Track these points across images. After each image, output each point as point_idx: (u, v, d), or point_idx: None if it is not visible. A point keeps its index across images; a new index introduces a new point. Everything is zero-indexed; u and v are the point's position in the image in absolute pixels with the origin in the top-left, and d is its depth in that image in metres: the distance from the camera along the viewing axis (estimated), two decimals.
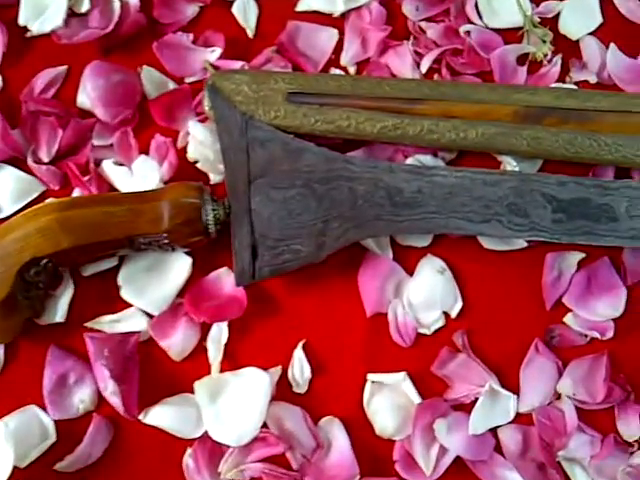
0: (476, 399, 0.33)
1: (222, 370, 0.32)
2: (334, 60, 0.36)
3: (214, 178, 0.33)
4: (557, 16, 0.38)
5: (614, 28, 0.38)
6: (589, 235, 0.32)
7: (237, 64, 0.34)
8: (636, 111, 0.33)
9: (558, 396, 0.34)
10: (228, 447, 0.31)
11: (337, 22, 0.37)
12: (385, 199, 0.31)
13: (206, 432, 0.31)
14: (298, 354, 0.33)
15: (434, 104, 0.33)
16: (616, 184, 0.32)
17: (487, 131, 0.33)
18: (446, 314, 0.34)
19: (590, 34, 0.37)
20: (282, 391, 0.32)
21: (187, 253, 0.32)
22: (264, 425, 0.31)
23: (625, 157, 0.33)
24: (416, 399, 0.32)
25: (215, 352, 0.32)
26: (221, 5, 0.37)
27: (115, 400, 0.30)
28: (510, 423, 0.33)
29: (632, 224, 0.32)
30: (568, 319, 0.34)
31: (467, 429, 0.32)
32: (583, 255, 0.35)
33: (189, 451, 0.31)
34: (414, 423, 0.32)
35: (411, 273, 0.34)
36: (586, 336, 0.34)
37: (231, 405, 0.31)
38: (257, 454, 0.31)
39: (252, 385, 0.31)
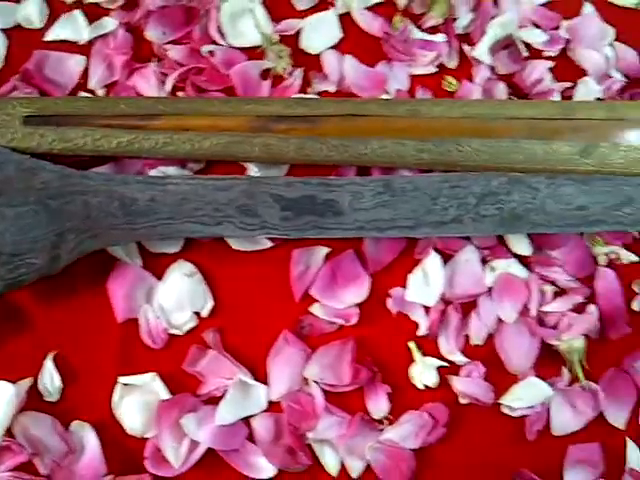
0: (226, 392, 0.38)
1: None
2: (83, 85, 0.42)
3: None
4: (299, 33, 0.45)
5: (354, 41, 0.46)
6: (317, 229, 0.39)
7: None
8: (360, 114, 0.41)
9: (307, 382, 0.39)
10: None
11: (84, 49, 0.43)
12: (119, 209, 0.37)
13: None
14: (47, 364, 0.38)
15: (169, 119, 0.40)
16: (341, 181, 0.40)
17: (220, 141, 0.40)
18: (198, 314, 0.40)
19: (331, 48, 0.45)
20: (34, 401, 0.37)
21: None
22: (11, 435, 0.36)
23: (352, 156, 0.41)
24: (166, 397, 0.38)
25: None
26: None
27: None
28: (263, 412, 0.39)
29: (356, 216, 0.39)
30: (315, 309, 0.41)
31: (216, 421, 0.37)
32: (328, 249, 0.42)
33: None
34: (158, 420, 0.37)
35: (161, 277, 0.40)
36: (334, 324, 0.41)
37: None
38: (7, 464, 0.36)
39: None
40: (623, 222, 0.41)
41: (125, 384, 0.39)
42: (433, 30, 0.48)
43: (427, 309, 0.42)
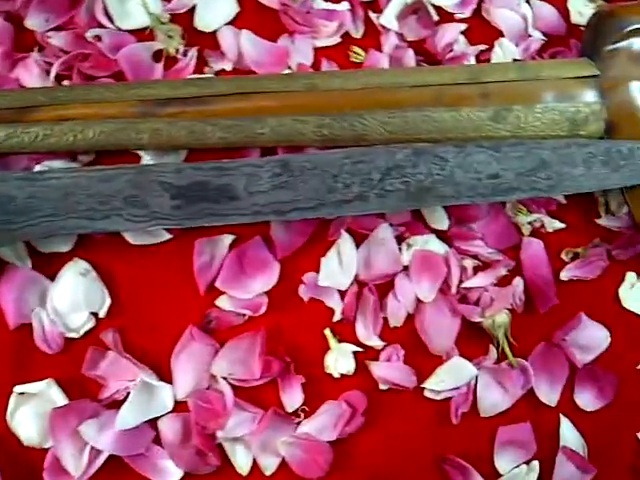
0: (128, 394, 0.38)
1: None
2: None
3: None
4: (193, 10, 0.44)
5: (251, 16, 0.45)
6: (212, 216, 0.38)
7: None
8: (254, 92, 0.40)
9: (215, 378, 0.39)
10: None
11: None
12: None
13: None
14: None
15: (48, 110, 0.39)
16: (234, 164, 0.39)
17: (104, 129, 0.39)
18: (96, 315, 0.39)
19: (227, 24, 0.44)
20: None
21: None
22: None
23: (249, 137, 0.40)
24: (62, 404, 0.37)
25: None
26: None
27: None
28: (169, 413, 0.38)
29: (253, 200, 0.39)
30: (222, 301, 0.40)
31: (117, 426, 0.37)
32: (233, 237, 0.41)
33: None
34: (53, 429, 0.36)
35: (53, 278, 0.39)
36: (242, 315, 0.40)
37: None
38: None
39: None
40: (539, 188, 0.40)
41: (20, 393, 0.38)
42: None
43: (342, 293, 0.42)
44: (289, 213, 0.39)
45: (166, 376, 0.40)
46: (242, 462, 0.39)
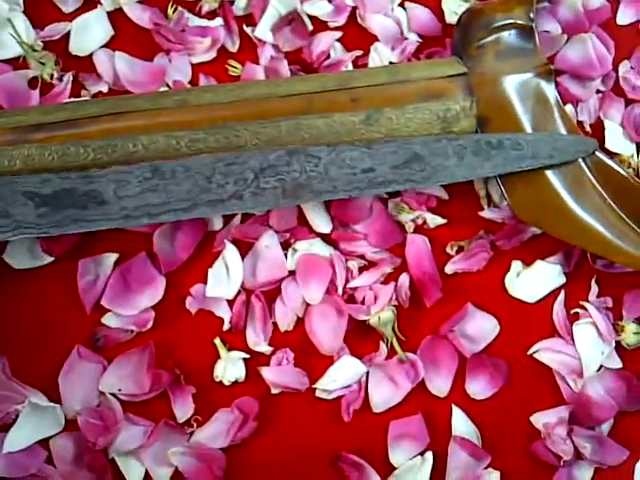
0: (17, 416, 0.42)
1: None
2: None
3: None
4: (68, 36, 0.49)
5: (126, 37, 0.50)
6: (79, 222, 0.42)
7: None
8: (125, 111, 0.45)
9: (104, 394, 0.43)
10: None
11: None
12: None
13: None
14: None
15: None
16: (103, 171, 0.43)
17: None
18: None
19: (102, 47, 0.49)
20: None
21: None
22: None
23: (123, 156, 0.45)
24: None
25: None
26: None
27: None
28: (61, 432, 0.42)
29: (122, 204, 0.42)
30: (108, 319, 0.45)
31: (5, 448, 0.41)
32: (117, 255, 0.45)
33: None
34: None
35: None
36: (129, 331, 0.44)
37: None
38: None
39: None
40: (414, 179, 0.45)
41: None
42: (212, 15, 0.52)
43: (231, 302, 0.46)
44: (161, 215, 0.42)
45: (55, 396, 0.44)
46: (135, 475, 0.43)
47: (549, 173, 0.46)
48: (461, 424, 0.46)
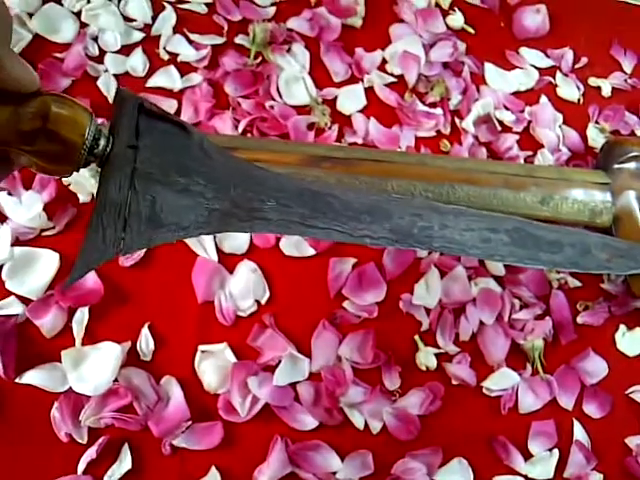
0: (280, 362, 0.55)
1: (83, 344, 0.52)
2: None
3: (82, 198, 0.55)
4: (336, 98, 0.65)
5: (375, 108, 0.66)
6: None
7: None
8: (384, 160, 0.61)
9: (340, 359, 0.57)
10: (88, 399, 0.50)
11: (176, 95, 0.62)
12: None
13: (70, 388, 0.50)
14: (144, 332, 0.53)
15: (242, 152, 0.58)
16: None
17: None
18: (258, 302, 0.57)
19: (359, 111, 0.65)
20: (132, 360, 0.52)
21: (55, 251, 0.53)
22: (117, 383, 0.51)
23: (378, 190, 0.60)
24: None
25: (78, 330, 0.52)
26: (88, 80, 0.60)
27: None
28: (306, 380, 0.55)
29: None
30: (346, 304, 0.58)
31: (272, 383, 0.54)
32: (355, 260, 0.60)
33: (55, 404, 0.50)
34: (231, 378, 0.53)
35: (232, 272, 0.57)
36: (359, 317, 0.59)
37: (90, 368, 0.51)
38: (111, 406, 0.51)
39: (107, 354, 0.51)
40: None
41: (203, 351, 0.55)
42: (433, 105, 0.70)
43: (428, 311, 0.61)
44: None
45: (305, 352, 0.56)
46: (358, 422, 0.56)
47: None
48: (579, 433, 0.59)
